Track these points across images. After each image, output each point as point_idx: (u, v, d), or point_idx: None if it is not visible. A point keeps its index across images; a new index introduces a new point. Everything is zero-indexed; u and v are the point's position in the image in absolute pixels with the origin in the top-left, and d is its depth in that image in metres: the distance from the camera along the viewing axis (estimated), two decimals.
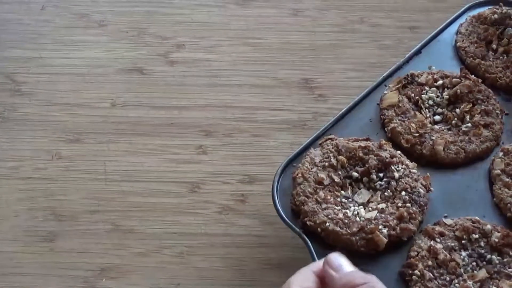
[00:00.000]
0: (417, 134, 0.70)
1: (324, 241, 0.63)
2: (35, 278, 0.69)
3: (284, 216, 0.65)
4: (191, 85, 0.87)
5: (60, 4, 0.97)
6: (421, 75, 0.75)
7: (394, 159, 0.67)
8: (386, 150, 0.67)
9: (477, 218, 0.64)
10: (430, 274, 0.60)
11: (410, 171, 0.66)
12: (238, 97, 0.85)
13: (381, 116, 0.73)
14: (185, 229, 0.73)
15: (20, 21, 0.95)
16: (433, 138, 0.70)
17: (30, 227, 0.73)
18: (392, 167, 0.66)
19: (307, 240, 0.63)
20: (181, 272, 0.70)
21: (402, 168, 0.66)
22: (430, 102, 0.74)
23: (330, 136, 0.70)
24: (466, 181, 0.67)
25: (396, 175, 0.66)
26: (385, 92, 0.74)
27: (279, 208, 0.65)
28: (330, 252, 0.62)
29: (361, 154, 0.67)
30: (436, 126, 0.72)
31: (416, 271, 0.60)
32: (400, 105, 0.72)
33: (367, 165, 0.67)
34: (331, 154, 0.67)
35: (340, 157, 0.67)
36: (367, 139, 0.69)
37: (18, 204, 0.75)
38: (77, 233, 0.73)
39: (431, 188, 0.66)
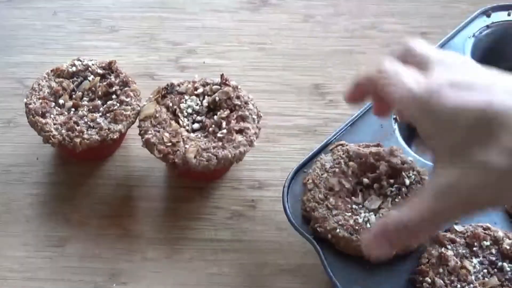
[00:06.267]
0: (169, 144, 0.70)
1: (334, 247, 0.63)
2: (46, 283, 0.69)
3: (294, 222, 0.65)
4: None
5: (72, 10, 0.98)
6: (182, 84, 0.76)
7: (405, 166, 0.66)
8: (397, 156, 0.67)
9: (488, 225, 0.64)
10: (441, 281, 0.60)
11: (421, 178, 0.66)
12: None
13: (139, 128, 0.74)
14: (195, 235, 0.73)
15: (32, 26, 0.95)
16: (187, 146, 0.70)
17: (41, 232, 0.73)
18: (403, 174, 0.66)
19: (318, 246, 0.63)
20: (191, 277, 0.70)
21: (413, 174, 0.66)
22: (189, 110, 0.75)
23: (341, 142, 0.69)
24: None
25: (407, 181, 0.66)
26: (144, 103, 0.75)
27: (289, 214, 0.65)
28: (340, 258, 0.62)
29: (372, 160, 0.67)
30: (192, 134, 0.72)
31: (427, 278, 0.60)
32: (157, 115, 0.73)
33: (378, 172, 0.67)
34: (341, 160, 0.67)
35: (351, 163, 0.67)
36: (378, 145, 0.69)
37: (29, 209, 0.75)
38: (88, 238, 0.73)
39: None
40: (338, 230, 0.62)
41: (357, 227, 0.62)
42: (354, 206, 0.65)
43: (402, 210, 0.54)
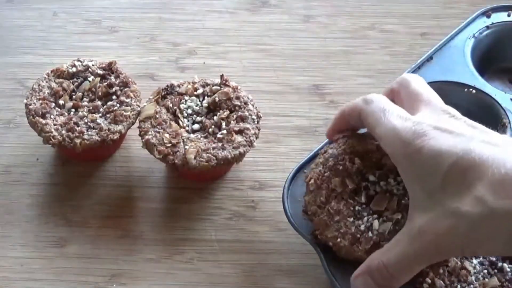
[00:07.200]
0: (169, 145, 0.71)
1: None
2: (45, 283, 0.69)
3: (294, 223, 0.65)
4: None
5: (72, 11, 0.98)
6: (182, 85, 0.76)
7: None
8: None
9: None
10: (441, 282, 0.59)
11: None
12: None
13: (139, 128, 0.74)
14: (195, 235, 0.73)
15: (32, 27, 0.95)
16: (187, 147, 0.70)
17: (41, 233, 0.73)
18: None
19: (319, 249, 0.62)
20: (191, 278, 0.70)
21: None
22: (189, 111, 0.75)
23: (345, 133, 0.66)
24: None
25: None
26: (144, 104, 0.75)
27: (290, 215, 0.65)
28: (341, 263, 0.62)
29: (378, 156, 0.65)
30: (192, 135, 0.73)
31: (427, 279, 0.59)
32: (157, 116, 0.73)
33: (384, 168, 0.65)
34: (346, 156, 0.65)
35: (356, 159, 0.64)
36: None
37: (29, 209, 0.75)
38: (88, 238, 0.73)
39: None
40: (338, 240, 0.61)
41: (358, 236, 0.60)
42: (357, 207, 0.62)
43: (383, 251, 0.55)
